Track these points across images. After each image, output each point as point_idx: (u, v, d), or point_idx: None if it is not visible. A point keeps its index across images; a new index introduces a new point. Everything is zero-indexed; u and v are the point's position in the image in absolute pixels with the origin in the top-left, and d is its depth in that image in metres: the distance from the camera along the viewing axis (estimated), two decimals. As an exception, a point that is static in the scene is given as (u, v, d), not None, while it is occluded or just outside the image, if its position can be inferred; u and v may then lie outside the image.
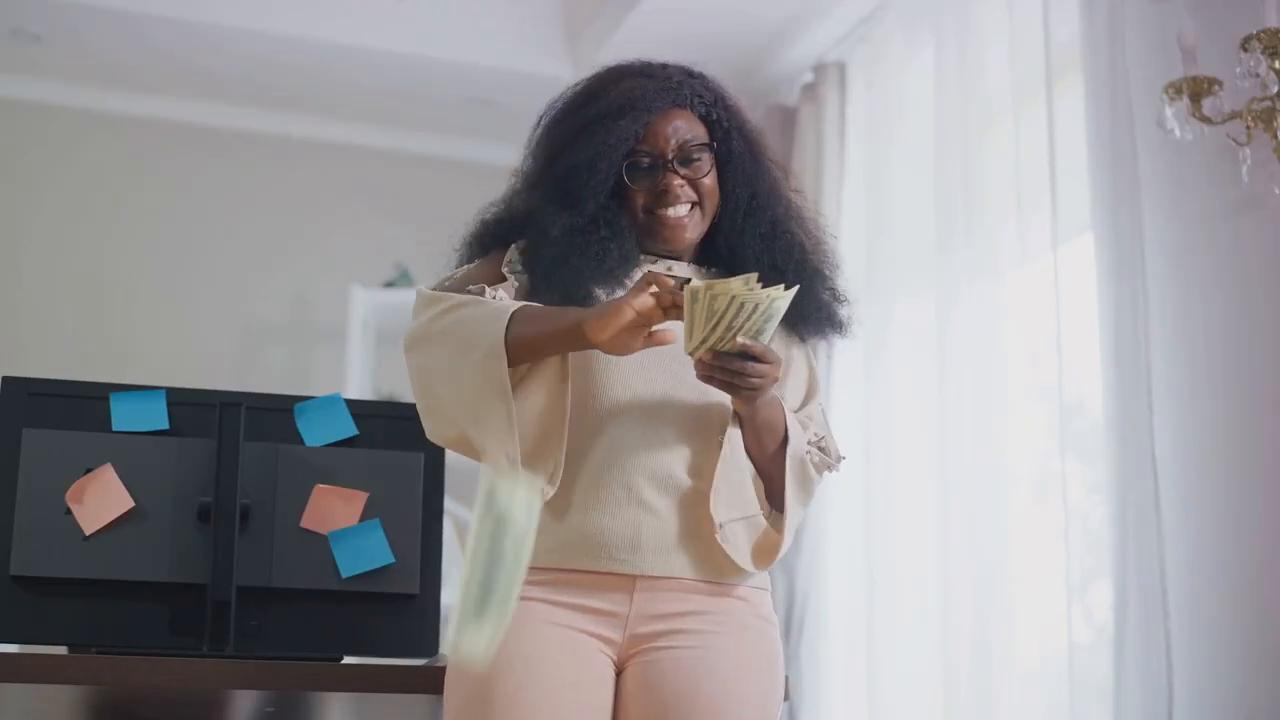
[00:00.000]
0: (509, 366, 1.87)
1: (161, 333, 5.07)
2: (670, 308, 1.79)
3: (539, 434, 1.91)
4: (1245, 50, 2.84)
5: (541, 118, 2.10)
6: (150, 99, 5.19)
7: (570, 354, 1.92)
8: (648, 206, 2.01)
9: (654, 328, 1.82)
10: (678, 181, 2.00)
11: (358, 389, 4.76)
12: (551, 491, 1.89)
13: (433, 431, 2.00)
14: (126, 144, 5.20)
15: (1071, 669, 3.29)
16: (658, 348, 1.89)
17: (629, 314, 1.79)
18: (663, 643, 1.92)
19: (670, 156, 2.00)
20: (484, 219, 2.10)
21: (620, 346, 1.82)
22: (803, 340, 2.10)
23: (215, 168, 5.26)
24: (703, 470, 1.94)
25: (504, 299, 1.97)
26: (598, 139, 1.98)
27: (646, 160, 2.00)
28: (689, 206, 2.01)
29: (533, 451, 1.90)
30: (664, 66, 2.08)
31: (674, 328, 1.84)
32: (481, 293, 1.98)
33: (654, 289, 1.79)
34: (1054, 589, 3.37)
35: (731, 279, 1.77)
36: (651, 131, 2.00)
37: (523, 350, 1.88)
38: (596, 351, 1.92)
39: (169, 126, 5.24)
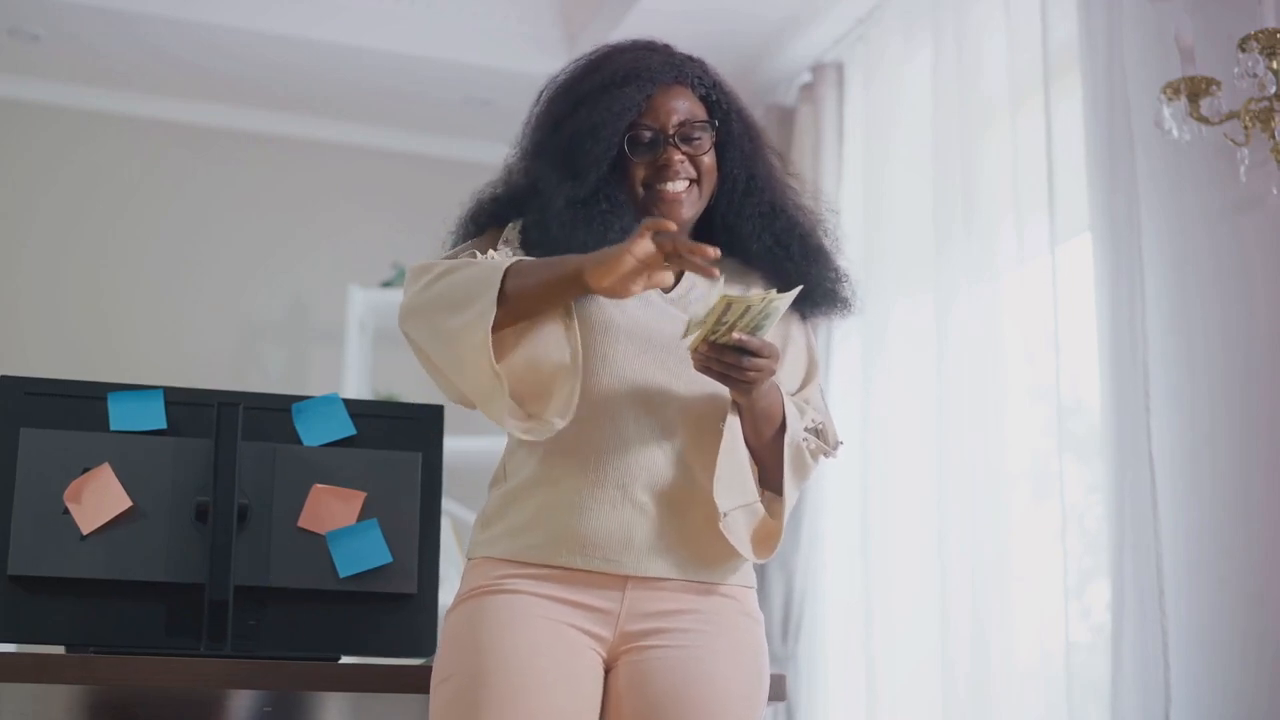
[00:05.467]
0: (509, 323, 1.87)
1: (159, 332, 5.07)
2: (671, 254, 1.80)
3: (551, 370, 1.90)
4: (1243, 50, 2.84)
5: (542, 92, 2.09)
6: (149, 99, 5.19)
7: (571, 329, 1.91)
8: (646, 181, 2.00)
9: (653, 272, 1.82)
10: (678, 157, 2.00)
11: (355, 389, 4.76)
12: (562, 424, 1.87)
13: (443, 392, 2.00)
14: (125, 144, 5.20)
15: (1069, 668, 3.29)
16: (648, 346, 1.91)
17: (630, 261, 1.80)
18: (652, 641, 1.92)
19: (671, 132, 2.00)
20: (480, 198, 2.09)
21: (620, 291, 1.83)
22: (804, 318, 2.09)
23: (213, 168, 5.26)
24: (702, 462, 1.94)
25: (496, 257, 1.96)
26: (602, 106, 1.98)
27: (648, 134, 2.00)
28: (687, 183, 2.01)
29: (544, 388, 1.89)
30: (665, 45, 2.09)
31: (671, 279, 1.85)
32: (473, 257, 1.97)
33: (652, 234, 1.80)
34: (1052, 588, 3.37)
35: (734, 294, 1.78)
36: (654, 105, 2.00)
37: (522, 301, 1.87)
38: (589, 346, 1.92)
39: (167, 126, 5.23)
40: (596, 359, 1.94)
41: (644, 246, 1.79)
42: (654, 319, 1.97)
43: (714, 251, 1.80)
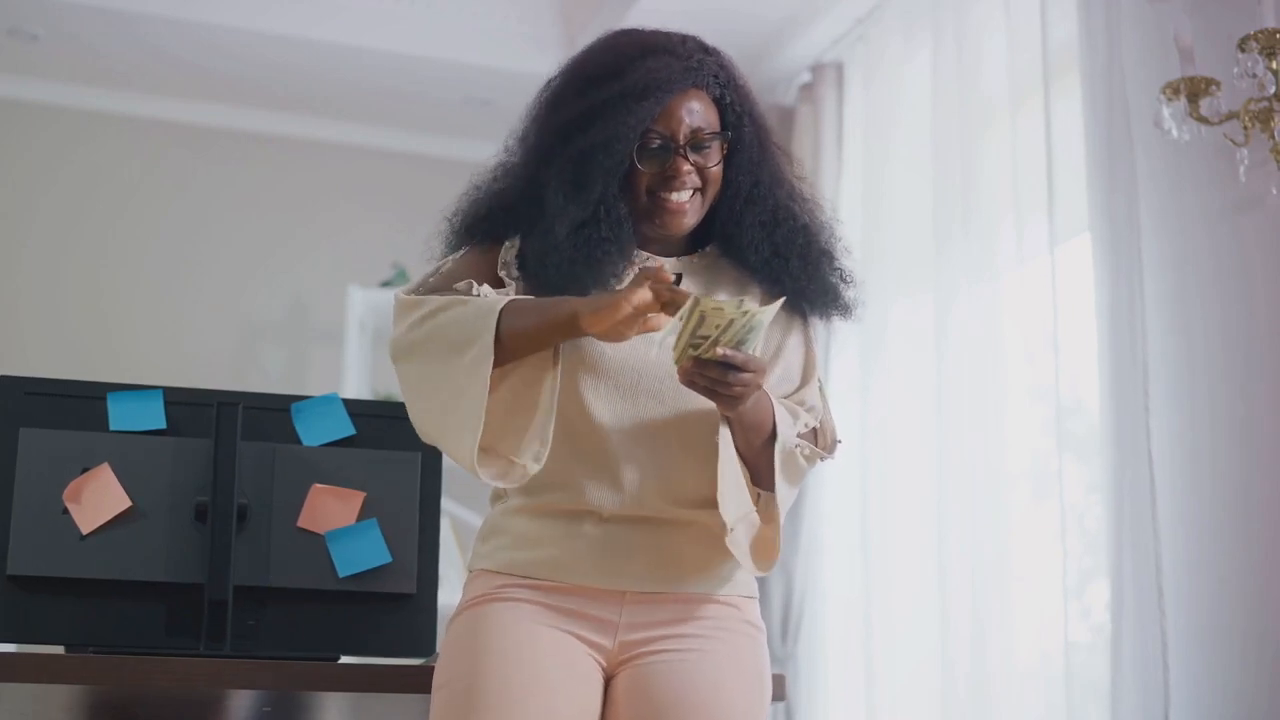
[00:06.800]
0: (501, 364, 1.85)
1: (159, 332, 5.07)
2: (668, 304, 1.78)
3: (526, 414, 1.88)
4: (1242, 50, 2.84)
5: (552, 81, 2.04)
6: (149, 99, 5.19)
7: (553, 371, 1.89)
8: (651, 188, 1.96)
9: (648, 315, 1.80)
10: (686, 167, 1.95)
11: (355, 389, 4.77)
12: (537, 469, 1.86)
13: (421, 434, 1.97)
14: (124, 144, 5.20)
15: (1068, 668, 3.29)
16: (640, 374, 1.91)
17: (626, 309, 1.78)
18: (653, 648, 1.92)
19: (682, 141, 1.95)
20: (476, 205, 2.05)
21: (614, 336, 1.82)
22: (804, 319, 2.06)
23: (213, 168, 5.26)
24: (695, 480, 1.92)
25: (489, 293, 1.95)
26: (618, 119, 1.92)
27: (657, 141, 1.95)
28: (692, 192, 1.97)
29: (521, 430, 1.87)
30: (684, 41, 2.03)
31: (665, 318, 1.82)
32: (468, 290, 1.95)
33: (650, 283, 1.78)
34: (1051, 588, 3.38)
35: (723, 300, 1.75)
36: (666, 113, 1.95)
37: (516, 343, 1.86)
38: (577, 370, 1.91)
39: (167, 126, 5.24)
40: (586, 386, 1.92)
41: (641, 296, 1.77)
42: (643, 345, 1.94)
43: None
